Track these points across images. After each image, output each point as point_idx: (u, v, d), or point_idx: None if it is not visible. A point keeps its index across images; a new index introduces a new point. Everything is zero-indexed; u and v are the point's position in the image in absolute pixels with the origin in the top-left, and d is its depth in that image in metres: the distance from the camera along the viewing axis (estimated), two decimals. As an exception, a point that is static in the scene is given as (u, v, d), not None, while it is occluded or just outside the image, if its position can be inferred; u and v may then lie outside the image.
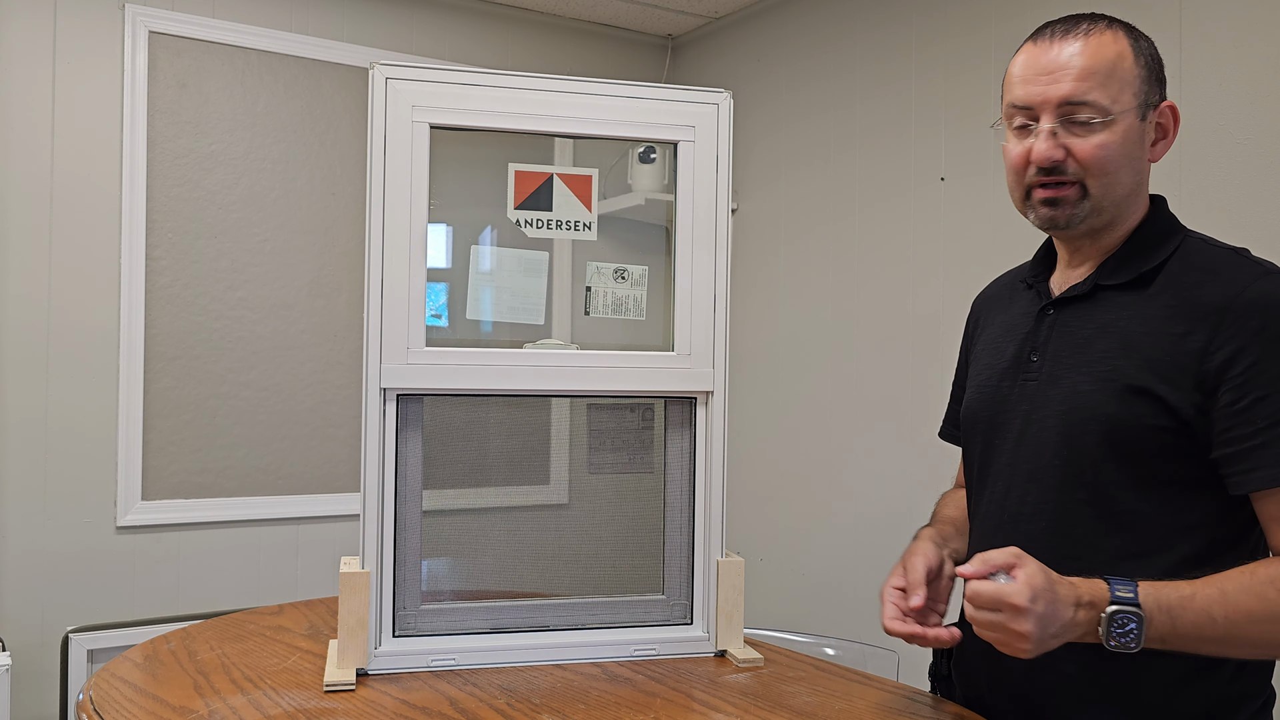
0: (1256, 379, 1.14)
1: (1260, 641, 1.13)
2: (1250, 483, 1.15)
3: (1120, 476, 1.21)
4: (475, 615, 1.54)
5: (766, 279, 3.25)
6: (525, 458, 1.61)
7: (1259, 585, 1.12)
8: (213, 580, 2.92)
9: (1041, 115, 1.24)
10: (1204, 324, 1.17)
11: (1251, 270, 1.20)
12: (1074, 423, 1.23)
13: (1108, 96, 1.22)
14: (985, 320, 1.49)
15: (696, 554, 1.60)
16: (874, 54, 2.90)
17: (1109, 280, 1.27)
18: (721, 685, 1.43)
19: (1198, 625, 1.11)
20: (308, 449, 3.03)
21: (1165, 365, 1.19)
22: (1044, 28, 1.28)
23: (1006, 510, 1.31)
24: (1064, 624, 1.10)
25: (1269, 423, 1.13)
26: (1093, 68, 1.22)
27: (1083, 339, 1.27)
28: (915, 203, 2.77)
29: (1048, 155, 1.23)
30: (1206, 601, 1.11)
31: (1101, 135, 1.22)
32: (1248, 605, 1.11)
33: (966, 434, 1.43)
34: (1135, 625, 1.09)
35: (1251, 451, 1.14)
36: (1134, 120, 1.24)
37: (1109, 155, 1.23)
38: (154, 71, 2.82)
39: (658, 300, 1.61)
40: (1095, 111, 1.22)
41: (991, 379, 1.38)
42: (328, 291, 3.07)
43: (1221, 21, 2.12)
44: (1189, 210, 2.16)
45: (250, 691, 1.36)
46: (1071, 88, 1.22)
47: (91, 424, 2.76)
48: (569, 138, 1.56)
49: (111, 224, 2.78)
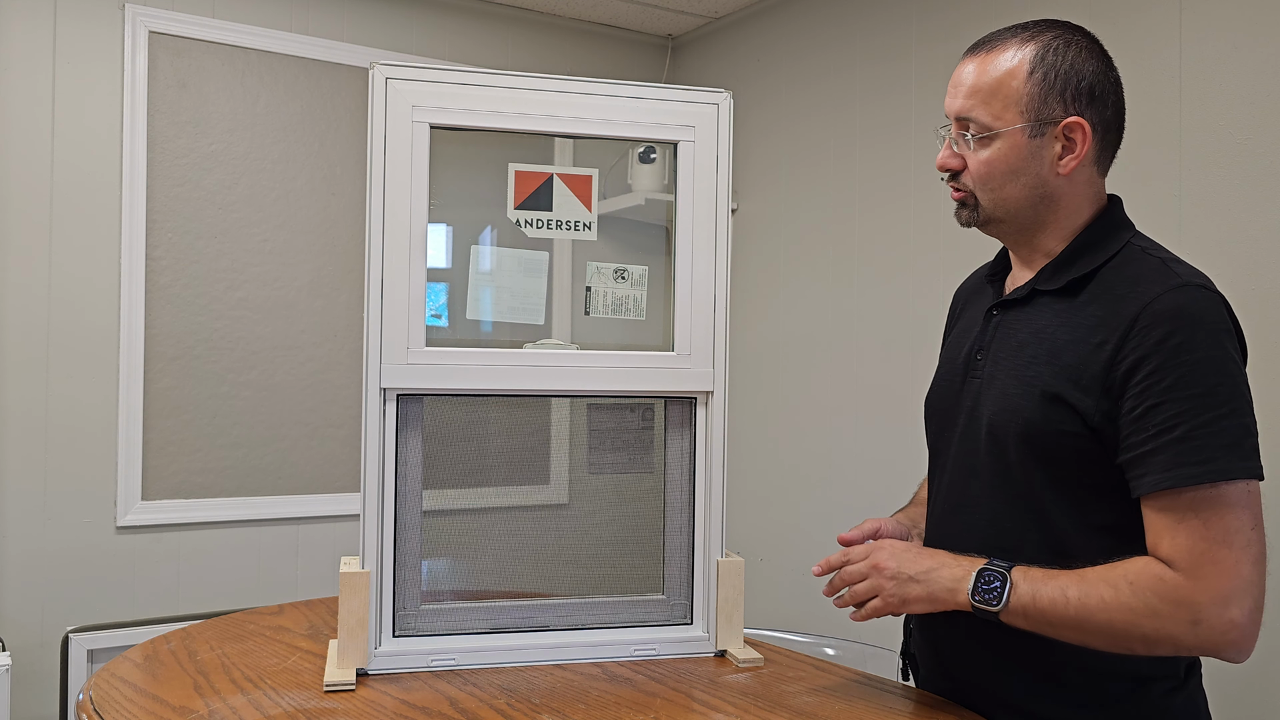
0: (1153, 388, 1.18)
1: (1111, 629, 1.17)
2: (1140, 487, 1.19)
3: (1040, 477, 1.27)
4: (475, 615, 1.54)
5: (766, 279, 3.25)
6: (525, 458, 1.61)
7: (1115, 576, 1.18)
8: (213, 580, 2.92)
9: (952, 126, 1.35)
10: (1116, 333, 1.22)
11: (1167, 282, 1.22)
12: (998, 424, 1.30)
13: (990, 114, 1.29)
14: (959, 313, 1.55)
15: (696, 554, 1.60)
16: (874, 54, 2.90)
17: (1045, 286, 1.33)
18: (721, 685, 1.43)
19: (1053, 601, 1.19)
20: (308, 449, 3.03)
21: (1079, 373, 1.23)
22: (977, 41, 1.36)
23: (952, 500, 1.39)
24: (925, 568, 1.26)
25: (1158, 430, 1.17)
26: (976, 86, 1.30)
27: (1017, 343, 1.33)
28: (915, 203, 2.77)
29: (941, 163, 1.36)
30: (1065, 581, 1.19)
31: (984, 151, 1.30)
32: (1099, 592, 1.17)
33: (926, 422, 1.51)
34: (1000, 584, 1.20)
35: (1141, 458, 1.18)
36: (1020, 137, 1.29)
37: (990, 170, 1.30)
38: (154, 71, 2.82)
39: (658, 300, 1.61)
40: (978, 128, 1.30)
41: (948, 373, 1.45)
42: (328, 291, 3.07)
43: (1221, 21, 2.12)
44: (1189, 210, 2.17)
45: (250, 691, 1.36)
46: (960, 104, 1.32)
47: (91, 424, 2.76)
48: (569, 138, 1.56)
49: (111, 224, 2.78)
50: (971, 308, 1.49)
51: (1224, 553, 1.14)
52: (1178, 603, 1.15)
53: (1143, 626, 1.16)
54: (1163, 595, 1.15)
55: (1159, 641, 1.17)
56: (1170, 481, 1.16)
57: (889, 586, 1.29)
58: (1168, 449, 1.16)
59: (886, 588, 1.29)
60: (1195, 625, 1.14)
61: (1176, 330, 1.18)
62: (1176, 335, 1.18)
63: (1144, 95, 2.24)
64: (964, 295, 1.56)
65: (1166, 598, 1.15)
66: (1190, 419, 1.16)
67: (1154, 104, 2.22)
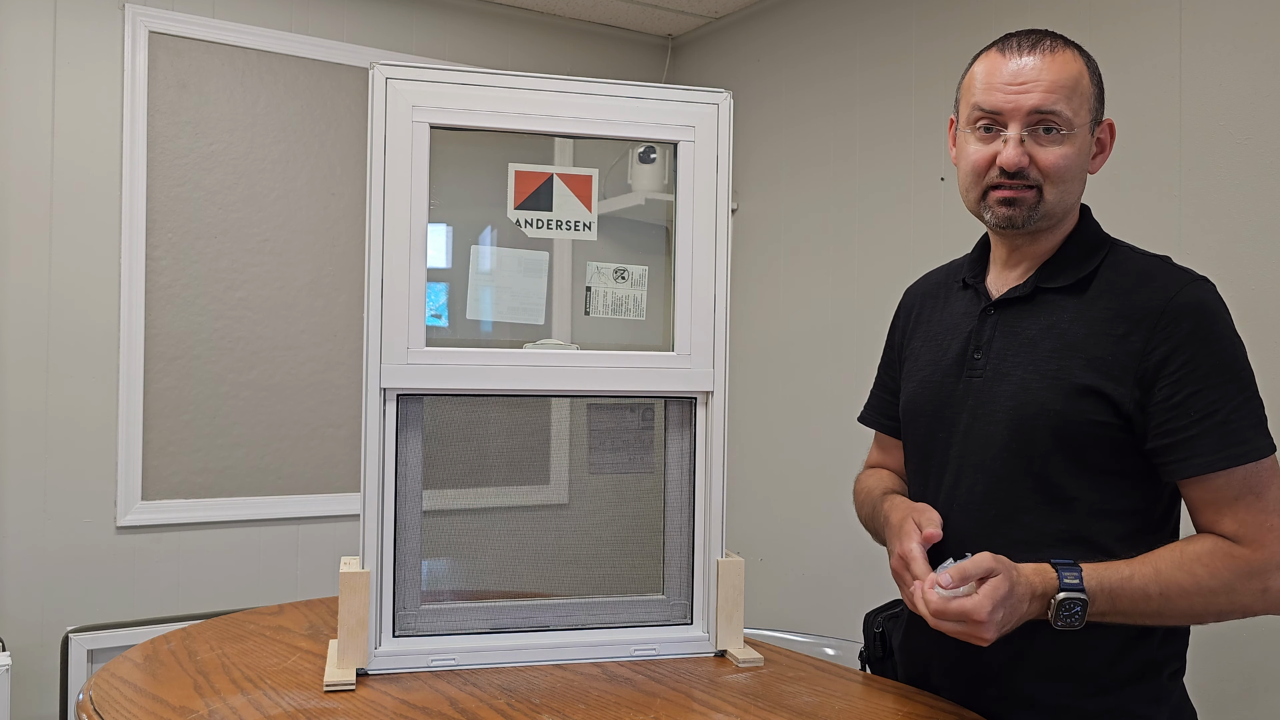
0: (1190, 375, 1.25)
1: (1189, 612, 1.26)
2: (1187, 469, 1.26)
3: (1065, 465, 1.31)
4: (475, 615, 1.54)
5: (766, 279, 3.24)
6: (525, 458, 1.61)
7: (1188, 562, 1.24)
8: (213, 580, 2.92)
9: (1010, 122, 1.32)
10: (1141, 326, 1.28)
11: (1182, 277, 1.31)
12: (1024, 417, 1.32)
13: (1071, 110, 1.32)
14: (920, 315, 1.56)
15: (696, 554, 1.60)
16: (874, 54, 2.90)
17: (1049, 284, 1.37)
18: (721, 685, 1.43)
19: (1135, 602, 1.24)
20: (308, 449, 3.03)
21: (1108, 364, 1.29)
22: (1009, 38, 1.36)
23: (956, 499, 1.39)
24: (1020, 616, 1.23)
25: (1201, 415, 1.25)
26: (1060, 82, 1.31)
27: (1028, 339, 1.36)
28: (915, 203, 2.77)
29: (1017, 161, 1.31)
30: (1143, 580, 1.24)
31: (1064, 146, 1.32)
32: (1179, 581, 1.24)
33: (908, 425, 1.52)
34: (1080, 609, 1.23)
35: (1188, 441, 1.25)
36: (1087, 135, 1.35)
37: (1068, 165, 1.33)
38: (154, 71, 2.82)
39: (658, 300, 1.61)
40: (1062, 123, 1.31)
41: (935, 374, 1.46)
42: (328, 291, 3.07)
43: (1221, 21, 2.12)
44: (1189, 210, 2.17)
45: (250, 691, 1.36)
46: (1041, 98, 1.31)
47: (92, 424, 2.76)
48: (569, 138, 1.56)
49: (111, 224, 2.78)
50: (939, 311, 1.51)
51: (1277, 520, 1.25)
52: (1250, 574, 1.24)
53: (1219, 603, 1.25)
54: (1236, 570, 1.24)
55: (1231, 612, 1.26)
56: (1222, 463, 1.24)
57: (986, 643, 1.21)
58: (1212, 432, 1.24)
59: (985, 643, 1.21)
60: (1265, 591, 1.24)
61: (1203, 322, 1.26)
62: (1204, 327, 1.26)
63: (1144, 95, 2.24)
64: (919, 298, 1.58)
65: (1240, 572, 1.24)
66: (1226, 403, 1.25)
67: (1154, 104, 2.22)
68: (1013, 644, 1.28)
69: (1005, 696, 1.35)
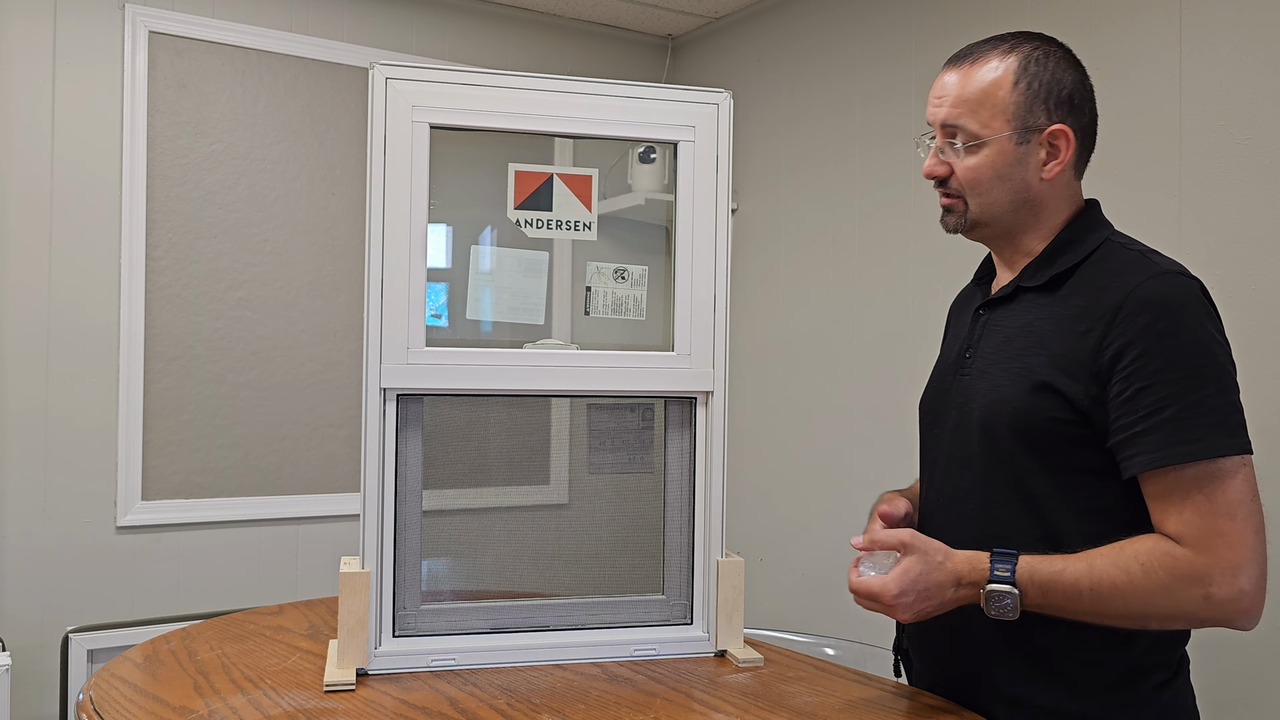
0: (1140, 370, 1.22)
1: (1127, 612, 1.22)
2: (1134, 466, 1.23)
3: (1031, 464, 1.31)
4: (475, 615, 1.54)
5: (766, 279, 3.24)
6: (525, 458, 1.61)
7: (1125, 560, 1.22)
8: (213, 580, 2.92)
9: (936, 134, 1.39)
10: (1100, 321, 1.27)
11: (1148, 270, 1.28)
12: (990, 415, 1.34)
13: (979, 123, 1.34)
14: (951, 319, 1.61)
15: (696, 554, 1.60)
16: (874, 54, 2.90)
17: (1028, 283, 1.38)
18: (721, 685, 1.43)
19: (1067, 597, 1.23)
20: (308, 449, 3.03)
21: (1067, 361, 1.28)
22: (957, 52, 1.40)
23: (945, 494, 1.42)
24: (941, 601, 1.26)
25: (1149, 411, 1.22)
26: (964, 96, 1.35)
27: (1005, 338, 1.38)
28: (916, 203, 2.77)
29: (929, 170, 1.40)
30: (1075, 575, 1.22)
31: (975, 157, 1.35)
32: (1112, 578, 1.21)
33: (919, 423, 1.55)
34: (1010, 601, 1.24)
35: (1134, 438, 1.23)
36: (1007, 144, 1.34)
37: (979, 175, 1.35)
38: (154, 71, 2.82)
39: (658, 300, 1.61)
40: (966, 136, 1.35)
41: (939, 374, 1.51)
42: (328, 291, 3.07)
43: (1221, 21, 2.12)
44: (1189, 210, 2.17)
45: (250, 691, 1.36)
46: (946, 113, 1.37)
47: (91, 424, 2.76)
48: (569, 138, 1.56)
49: (111, 224, 2.78)
50: (964, 314, 1.54)
51: (1228, 525, 1.19)
52: (1190, 578, 1.19)
53: (1157, 604, 1.20)
54: (1174, 572, 1.19)
55: (1173, 617, 1.22)
56: (1164, 460, 1.20)
57: (905, 621, 1.30)
58: (1159, 429, 1.21)
59: (905, 620, 1.29)
60: (1208, 598, 1.19)
61: (1161, 315, 1.23)
62: (1161, 320, 1.23)
63: (1144, 95, 2.24)
64: (958, 305, 1.61)
65: (1178, 574, 1.19)
66: (1179, 399, 1.21)
67: (1154, 104, 2.22)
68: (997, 641, 1.31)
69: (989, 694, 1.36)
